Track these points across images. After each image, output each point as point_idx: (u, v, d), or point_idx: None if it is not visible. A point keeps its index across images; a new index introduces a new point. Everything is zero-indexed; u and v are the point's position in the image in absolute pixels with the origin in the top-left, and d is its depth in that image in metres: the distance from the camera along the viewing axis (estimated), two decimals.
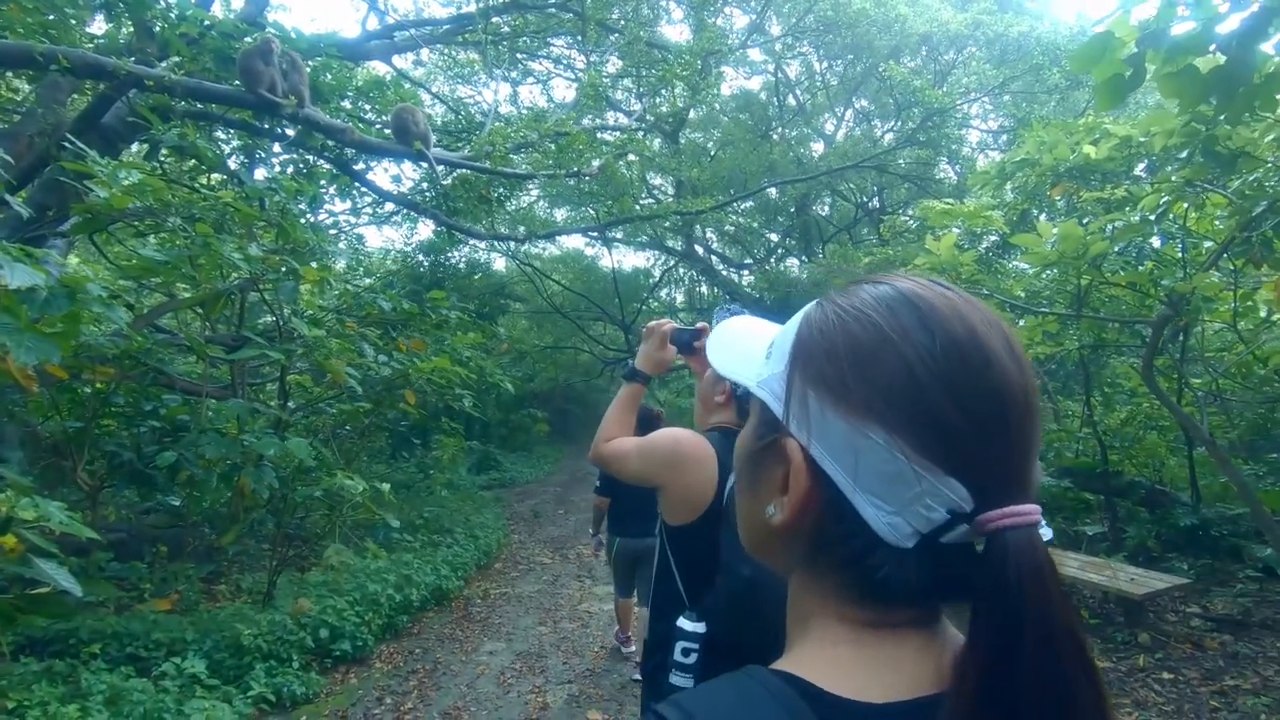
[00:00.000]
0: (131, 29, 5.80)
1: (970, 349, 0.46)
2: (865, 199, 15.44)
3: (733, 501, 1.47)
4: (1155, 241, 5.75)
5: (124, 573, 4.56)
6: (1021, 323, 5.85)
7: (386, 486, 4.26)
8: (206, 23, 5.41)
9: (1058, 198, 4.98)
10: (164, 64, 5.11)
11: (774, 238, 17.93)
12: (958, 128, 10.85)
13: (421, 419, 7.38)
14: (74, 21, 5.75)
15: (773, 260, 17.77)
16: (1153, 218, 3.86)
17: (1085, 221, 4.65)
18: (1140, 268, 5.36)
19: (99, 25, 6.35)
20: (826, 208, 17.47)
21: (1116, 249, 4.78)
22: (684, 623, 1.50)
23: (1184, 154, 3.37)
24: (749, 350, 0.59)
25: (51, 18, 5.29)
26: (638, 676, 4.28)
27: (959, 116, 10.12)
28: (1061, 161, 4.52)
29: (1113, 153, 4.41)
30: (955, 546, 0.46)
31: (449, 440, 9.12)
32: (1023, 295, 6.09)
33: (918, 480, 0.44)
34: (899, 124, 13.36)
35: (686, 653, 1.47)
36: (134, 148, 6.91)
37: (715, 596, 1.50)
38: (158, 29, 5.50)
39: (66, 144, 3.59)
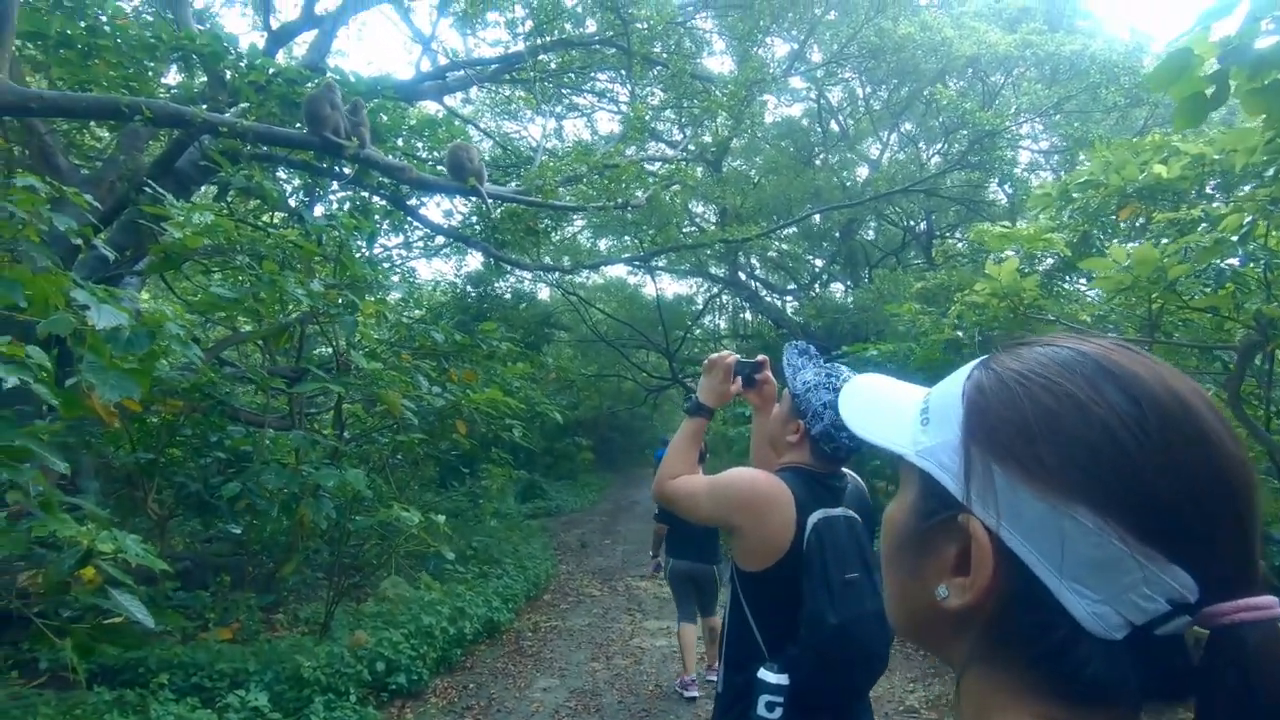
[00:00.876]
0: (204, 79, 6.14)
1: (1182, 420, 0.41)
2: (912, 223, 15.19)
3: (817, 547, 1.42)
4: (1234, 262, 5.47)
5: (189, 601, 4.66)
6: None
7: (441, 518, 4.28)
8: (273, 70, 5.68)
9: (1125, 220, 4.79)
10: (233, 110, 5.38)
11: (818, 263, 17.75)
12: (1008, 149, 10.61)
13: (472, 449, 7.44)
14: (152, 74, 6.13)
15: (817, 286, 17.57)
16: (1235, 239, 3.66)
17: (1158, 243, 4.45)
18: (1219, 290, 5.09)
19: (174, 76, 6.75)
20: (872, 232, 17.25)
21: (1194, 272, 4.56)
22: (766, 675, 1.43)
23: (1270, 171, 3.20)
24: (895, 413, 0.54)
25: (132, 71, 5.65)
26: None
27: (1009, 137, 9.89)
28: (1130, 182, 4.35)
29: (1185, 171, 4.23)
30: (1168, 639, 0.41)
31: (498, 470, 9.17)
32: (1088, 321, 5.86)
33: (1138, 567, 0.39)
34: (946, 147, 13.15)
35: (771, 707, 1.40)
36: (204, 189, 7.26)
37: (800, 647, 1.42)
38: (228, 78, 5.81)
39: (145, 188, 3.78)
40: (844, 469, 1.59)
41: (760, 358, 1.74)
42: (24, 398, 2.54)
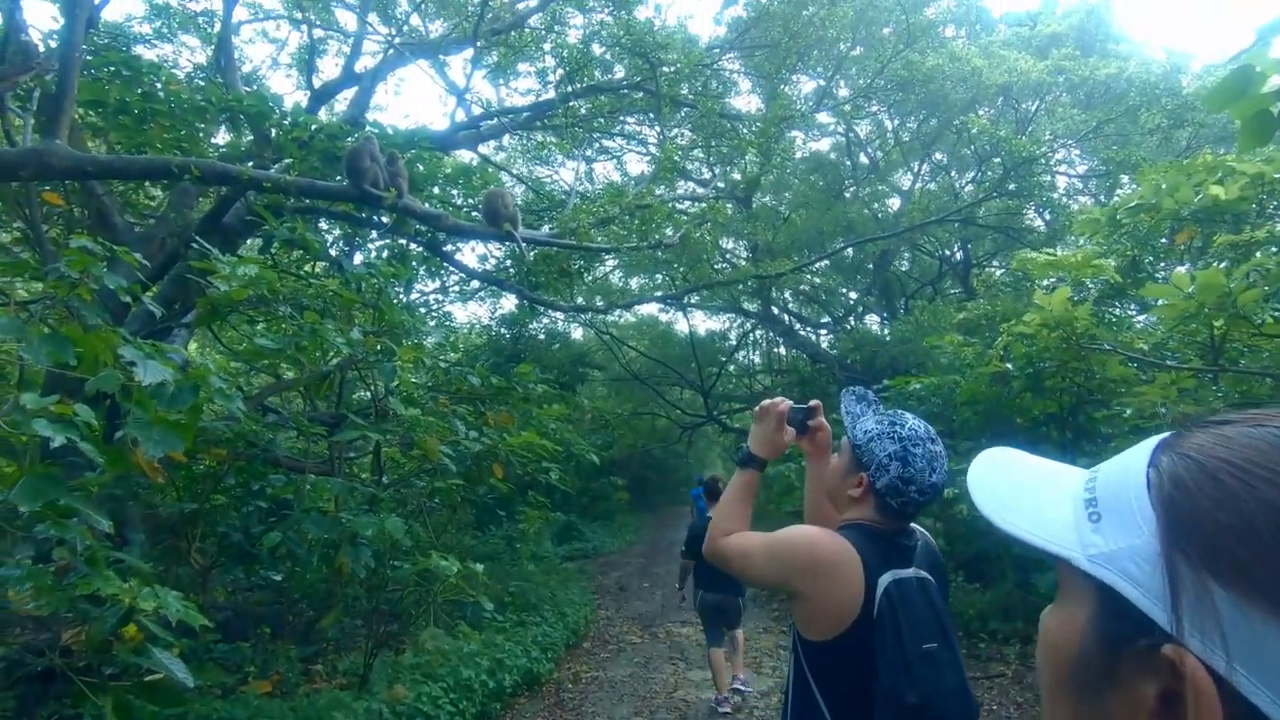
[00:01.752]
0: (251, 137, 6.39)
1: None
2: (948, 252, 14.96)
3: (889, 614, 1.29)
4: None
5: (229, 654, 4.63)
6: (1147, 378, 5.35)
7: (480, 567, 4.19)
8: (315, 126, 5.88)
9: (1182, 244, 4.60)
10: (277, 166, 5.56)
11: (853, 296, 17.55)
12: (1045, 174, 10.42)
13: (509, 492, 7.39)
14: (203, 134, 6.40)
15: (852, 319, 17.35)
16: None
17: (1218, 267, 4.25)
18: None
19: (223, 136, 7.05)
20: (906, 263, 17.04)
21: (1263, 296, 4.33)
22: None
23: None
24: (1047, 502, 0.45)
25: (185, 133, 5.91)
26: None
27: (1045, 164, 9.71)
28: (1185, 204, 4.18)
29: (1244, 192, 4.05)
30: None
31: (534, 512, 9.09)
32: (1145, 349, 5.60)
33: None
34: (979, 175, 12.99)
35: None
36: (250, 241, 7.50)
37: None
38: (273, 135, 6.04)
39: (194, 244, 3.89)
40: (913, 524, 1.47)
41: (813, 403, 1.64)
42: (76, 451, 2.57)
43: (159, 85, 5.63)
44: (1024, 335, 5.18)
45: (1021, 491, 0.48)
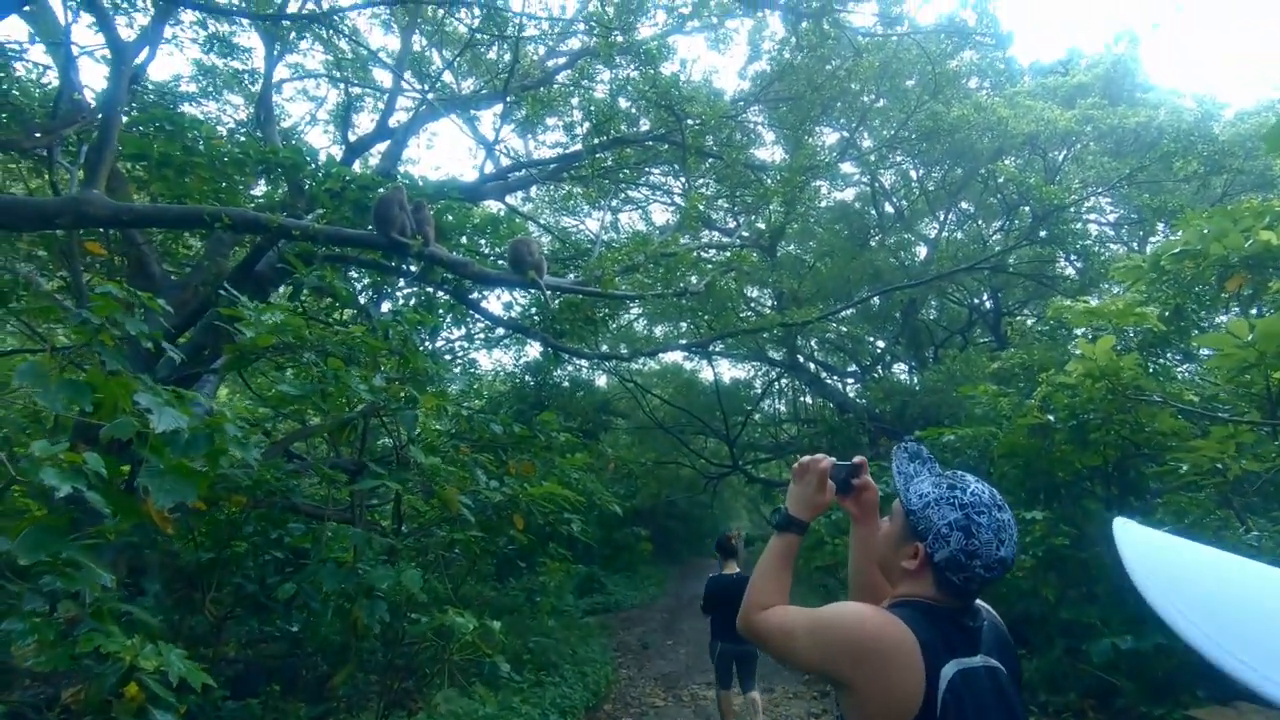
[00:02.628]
0: (285, 188, 6.56)
1: None
2: (977, 300, 14.73)
3: (955, 711, 1.11)
4: None
5: (238, 713, 4.48)
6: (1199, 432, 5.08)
7: (497, 625, 4.03)
8: (348, 178, 6.02)
9: (1232, 291, 4.40)
10: (310, 216, 5.68)
11: (880, 344, 17.32)
12: (1076, 222, 10.26)
13: (530, 543, 7.22)
14: (241, 186, 6.59)
15: (880, 368, 17.07)
16: None
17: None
18: None
19: (260, 187, 7.26)
20: (934, 311, 16.82)
21: None
22: None
23: None
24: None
25: (224, 185, 6.09)
26: None
27: (1076, 211, 9.57)
28: (1234, 250, 4.01)
29: None
30: None
31: (555, 564, 8.86)
32: (1196, 401, 5.34)
33: None
34: (1007, 223, 12.87)
35: None
36: (281, 289, 7.64)
37: None
38: (307, 186, 6.19)
39: (223, 291, 3.93)
40: (978, 601, 1.29)
41: (858, 459, 1.49)
42: None
43: (199, 139, 5.82)
44: (1065, 386, 4.98)
45: (1245, 615, 0.35)
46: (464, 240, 7.80)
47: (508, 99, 8.43)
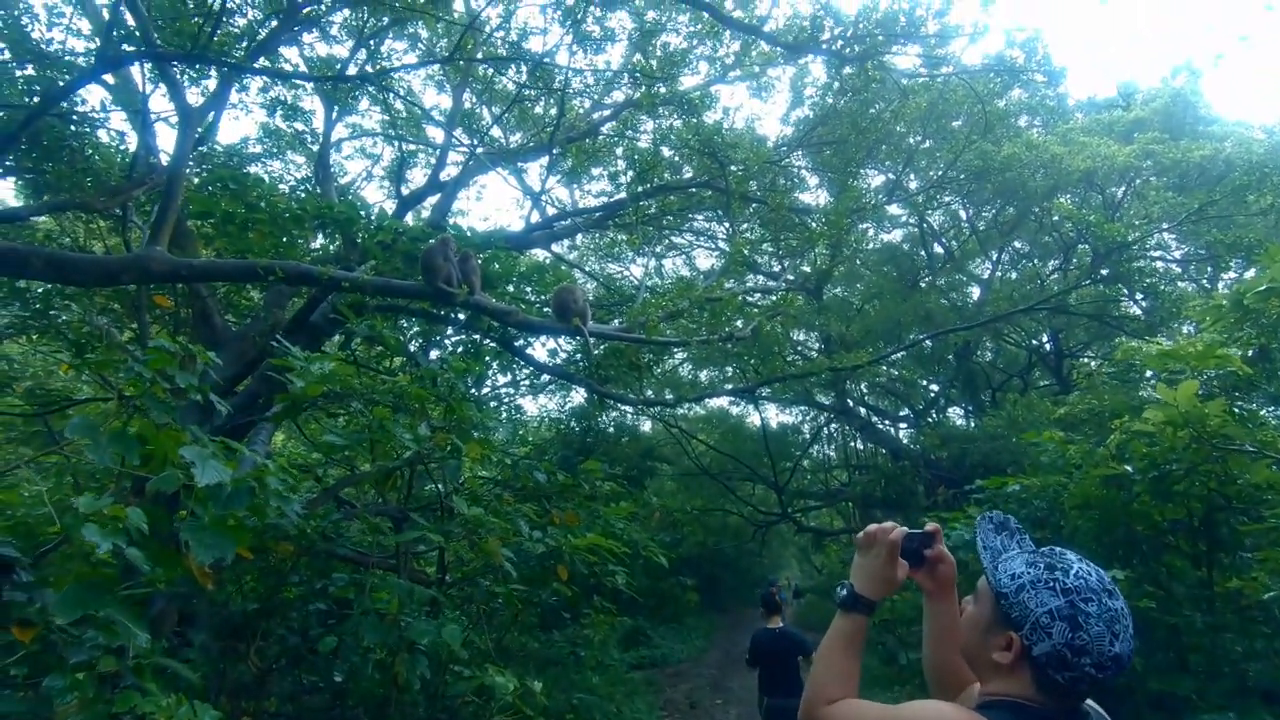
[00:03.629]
0: (340, 241, 6.79)
1: None
2: (1036, 342, 14.16)
3: None
4: None
5: None
6: None
7: (538, 685, 3.89)
8: (399, 230, 6.19)
9: None
10: (362, 268, 5.84)
11: (933, 388, 16.77)
12: (1138, 260, 9.81)
13: (574, 595, 7.05)
14: (300, 241, 6.86)
15: (933, 412, 16.48)
16: None
17: None
18: None
19: (317, 241, 7.55)
20: (989, 354, 16.25)
21: None
22: None
23: None
24: None
25: (285, 240, 6.34)
26: None
27: (1142, 248, 9.15)
28: None
29: None
30: None
31: (600, 617, 8.64)
32: None
33: None
34: (1065, 262, 12.43)
35: None
36: (334, 338, 7.85)
37: None
38: (360, 240, 6.39)
39: (274, 342, 4.02)
40: (1087, 703, 1.10)
41: (930, 527, 1.32)
42: None
43: (261, 197, 6.10)
44: (1143, 433, 4.65)
45: None
46: (510, 288, 7.91)
47: (554, 151, 8.64)
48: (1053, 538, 6.31)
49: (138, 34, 4.86)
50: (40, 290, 6.53)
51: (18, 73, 5.86)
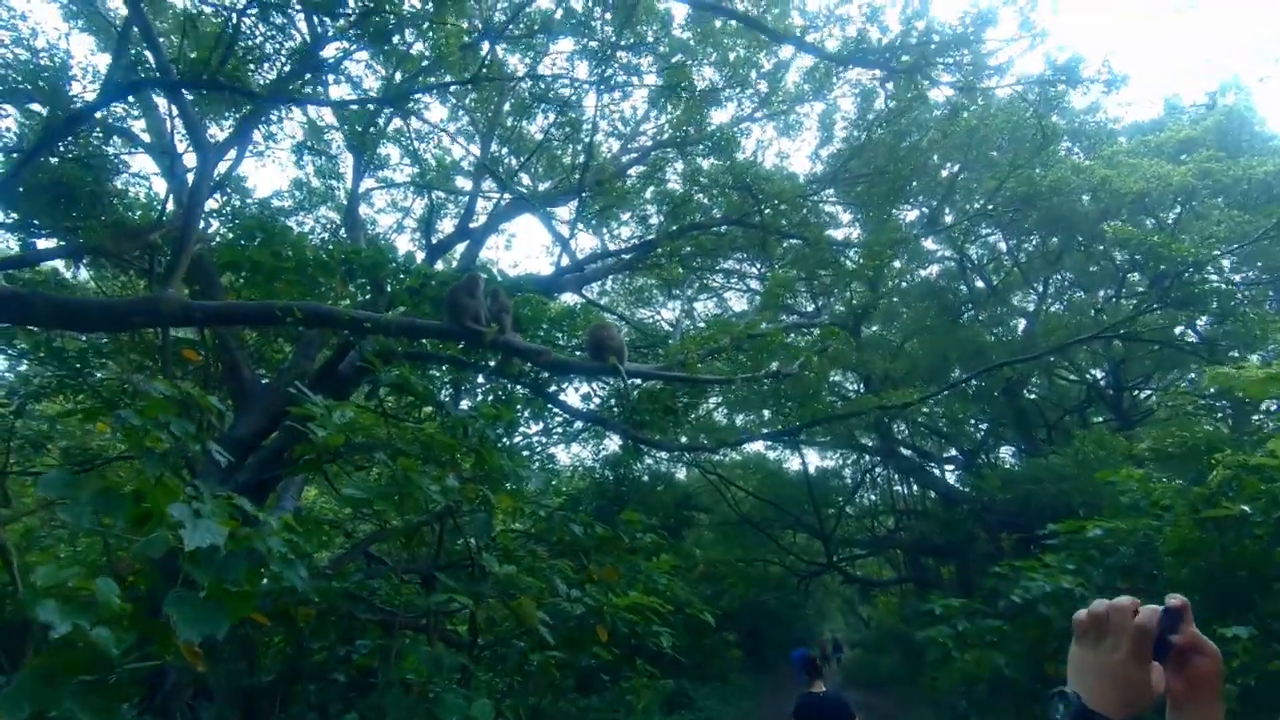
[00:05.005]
0: (369, 289, 6.64)
1: None
2: (1091, 375, 13.42)
3: None
4: None
5: None
6: None
7: None
8: (427, 274, 6.02)
9: None
10: (390, 313, 5.64)
11: (982, 426, 15.97)
12: (1205, 283, 9.22)
13: (615, 660, 6.54)
14: (329, 291, 6.73)
15: (983, 452, 15.65)
16: None
17: None
18: None
19: (346, 293, 7.42)
20: (1041, 389, 15.47)
21: None
22: None
23: None
24: None
25: (315, 288, 6.20)
26: None
27: (1210, 269, 8.58)
28: None
29: None
30: None
31: (642, 682, 8.05)
32: None
33: None
34: (1118, 290, 11.82)
35: None
36: (363, 388, 7.66)
37: None
38: (389, 286, 6.23)
39: (292, 389, 3.77)
40: None
41: (1174, 601, 0.86)
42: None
43: (288, 246, 5.99)
44: (1257, 468, 4.11)
45: None
46: (540, 333, 7.68)
47: (582, 194, 8.50)
48: (1145, 588, 5.64)
49: (152, 64, 4.80)
50: (75, 350, 6.47)
51: (28, 107, 5.82)
